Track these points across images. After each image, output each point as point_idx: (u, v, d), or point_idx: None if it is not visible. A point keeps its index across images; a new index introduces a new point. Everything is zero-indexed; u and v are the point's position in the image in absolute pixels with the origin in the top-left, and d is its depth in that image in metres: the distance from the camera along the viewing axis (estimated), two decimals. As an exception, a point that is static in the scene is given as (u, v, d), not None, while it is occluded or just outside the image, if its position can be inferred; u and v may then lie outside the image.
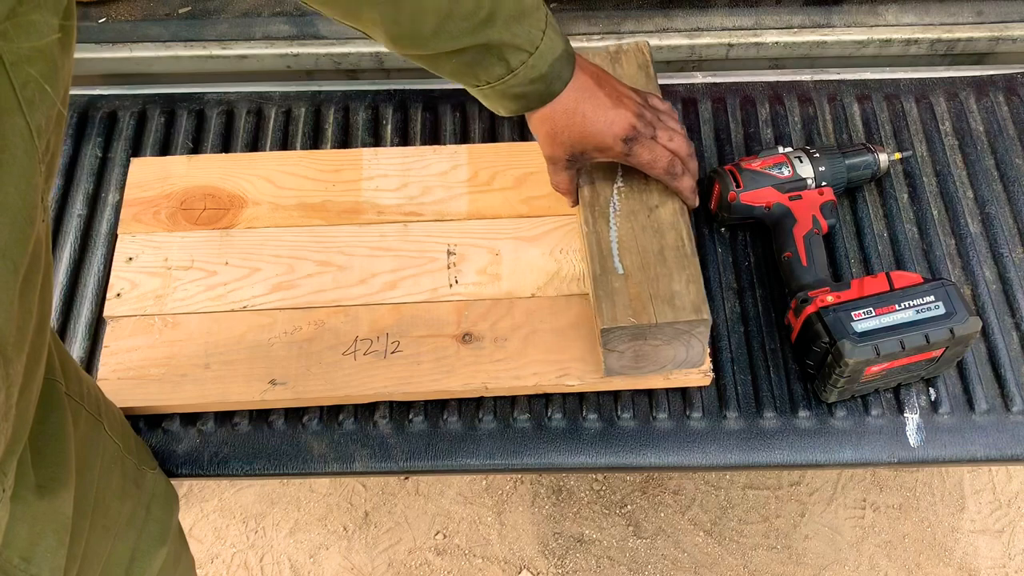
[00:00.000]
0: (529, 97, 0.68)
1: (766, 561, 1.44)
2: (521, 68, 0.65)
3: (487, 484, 1.50)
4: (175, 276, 0.83)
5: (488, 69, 0.65)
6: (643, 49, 0.87)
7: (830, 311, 0.76)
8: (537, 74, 0.66)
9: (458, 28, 0.61)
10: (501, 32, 0.62)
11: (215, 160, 0.91)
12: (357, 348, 0.80)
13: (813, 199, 0.85)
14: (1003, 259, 0.88)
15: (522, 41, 0.64)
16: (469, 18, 0.61)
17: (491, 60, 0.64)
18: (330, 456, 0.78)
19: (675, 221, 0.76)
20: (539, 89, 0.67)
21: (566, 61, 0.68)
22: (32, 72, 0.38)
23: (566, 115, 0.70)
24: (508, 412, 0.80)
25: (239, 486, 1.50)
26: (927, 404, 0.81)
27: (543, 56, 0.65)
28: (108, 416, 0.66)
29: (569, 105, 0.69)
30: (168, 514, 0.74)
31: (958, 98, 0.98)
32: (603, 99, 0.70)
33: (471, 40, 0.62)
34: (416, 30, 0.61)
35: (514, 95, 0.67)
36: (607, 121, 0.70)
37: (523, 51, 0.64)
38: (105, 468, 0.63)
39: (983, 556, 1.45)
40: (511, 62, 0.64)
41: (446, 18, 0.60)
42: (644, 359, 0.75)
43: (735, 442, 0.79)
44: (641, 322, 0.70)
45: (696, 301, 0.71)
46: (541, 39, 0.65)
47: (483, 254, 0.85)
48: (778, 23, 1.01)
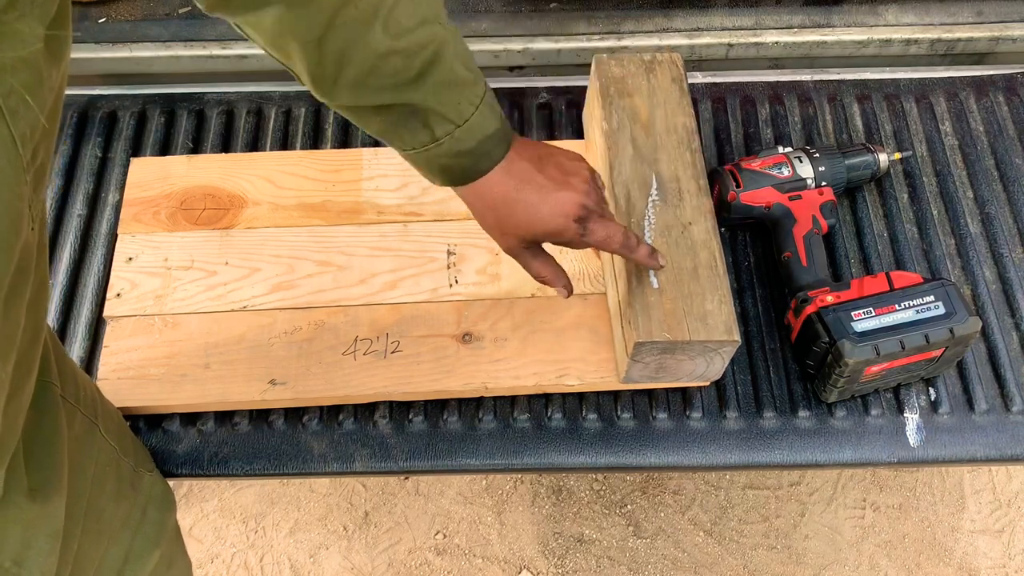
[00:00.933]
0: (454, 171, 0.64)
1: (766, 561, 1.44)
2: (446, 139, 0.61)
3: (487, 484, 1.50)
4: (175, 276, 0.83)
5: (413, 134, 0.62)
6: (677, 62, 0.86)
7: (830, 311, 0.76)
8: (463, 148, 0.62)
9: (381, 83, 0.58)
10: (427, 96, 0.59)
11: (215, 160, 0.91)
12: (357, 348, 0.80)
13: (813, 199, 0.85)
14: (1003, 259, 0.88)
15: (449, 111, 0.61)
16: (395, 76, 0.58)
17: (416, 124, 0.61)
18: (330, 456, 0.78)
19: (708, 240, 0.76)
20: (464, 164, 0.64)
21: (498, 141, 0.64)
22: (15, 82, 0.38)
23: (507, 204, 0.65)
24: (508, 412, 0.80)
25: (239, 486, 1.50)
26: (927, 404, 0.81)
27: (471, 131, 0.62)
28: (104, 418, 0.66)
29: (509, 194, 0.65)
30: (164, 516, 0.74)
31: (958, 98, 0.98)
32: (545, 182, 0.65)
33: (393, 98, 0.59)
34: (337, 75, 0.58)
35: (440, 166, 0.64)
36: (555, 204, 0.65)
37: (449, 122, 0.61)
38: (99, 471, 0.62)
39: (983, 556, 1.45)
40: (436, 131, 0.61)
41: (370, 71, 0.58)
42: (665, 371, 0.76)
43: (735, 442, 0.79)
44: (675, 338, 0.71)
45: (728, 322, 0.72)
46: (472, 113, 0.61)
47: (483, 254, 0.85)
48: (778, 23, 1.01)
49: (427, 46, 0.58)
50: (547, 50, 1.00)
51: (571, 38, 1.00)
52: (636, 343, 0.71)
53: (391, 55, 0.57)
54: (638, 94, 0.83)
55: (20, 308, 0.45)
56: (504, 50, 1.00)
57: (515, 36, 1.01)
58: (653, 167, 0.79)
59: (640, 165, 0.79)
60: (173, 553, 0.77)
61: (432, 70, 0.59)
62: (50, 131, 0.44)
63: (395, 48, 0.57)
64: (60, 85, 0.44)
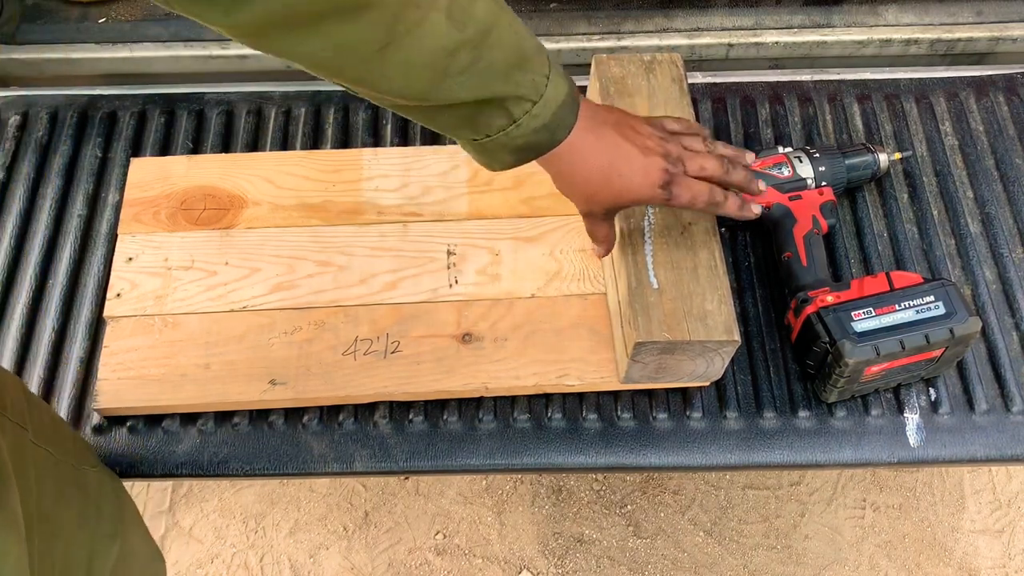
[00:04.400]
0: (533, 148, 0.63)
1: (766, 561, 1.44)
2: (524, 117, 0.59)
3: (487, 484, 1.50)
4: (175, 276, 0.83)
5: (489, 121, 0.60)
6: (677, 62, 0.86)
7: (830, 311, 0.76)
8: (541, 123, 0.61)
9: (455, 83, 0.56)
10: (503, 84, 0.57)
11: (215, 160, 0.91)
12: (357, 348, 0.80)
13: (813, 199, 0.85)
14: (1003, 259, 0.88)
15: (526, 91, 0.59)
16: (466, 71, 0.55)
17: (490, 111, 0.59)
18: (330, 456, 0.78)
19: (708, 239, 0.76)
20: (544, 139, 0.62)
21: (570, 106, 0.62)
22: None
23: (599, 174, 0.65)
24: (508, 412, 0.80)
25: (239, 486, 1.50)
26: (927, 404, 0.81)
27: (547, 104, 0.60)
28: (34, 422, 0.62)
29: (598, 163, 0.64)
30: (118, 509, 0.72)
31: (958, 98, 0.98)
32: (629, 148, 0.65)
33: (472, 95, 0.57)
34: (407, 87, 0.56)
35: (515, 147, 0.62)
36: (641, 171, 0.65)
37: (527, 100, 0.59)
38: (39, 476, 0.60)
39: (983, 556, 1.45)
40: (513, 113, 0.59)
41: (442, 74, 0.55)
42: (665, 371, 0.76)
43: (735, 442, 0.79)
44: (675, 338, 0.71)
45: (728, 322, 0.72)
46: (546, 85, 0.59)
47: (483, 254, 0.85)
48: (778, 23, 1.01)
49: (491, 30, 0.56)
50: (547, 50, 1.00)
51: (571, 38, 1.00)
52: (636, 343, 0.71)
53: (460, 49, 0.55)
54: (638, 94, 0.83)
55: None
56: (504, 50, 1.00)
57: (515, 36, 1.00)
58: None
59: None
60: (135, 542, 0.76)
61: (500, 54, 0.56)
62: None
63: (463, 40, 0.54)
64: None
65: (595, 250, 0.75)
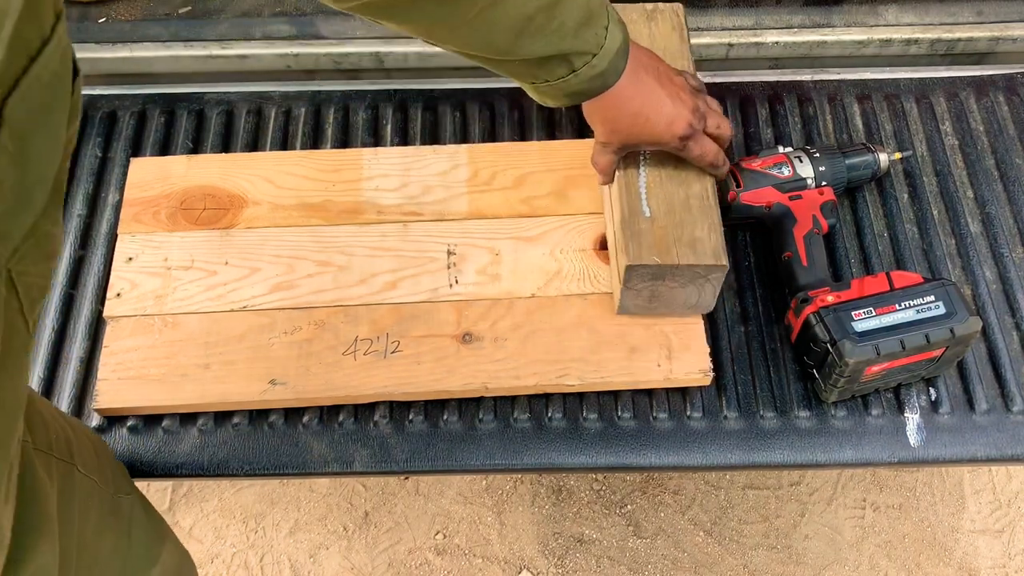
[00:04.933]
0: (586, 93, 0.68)
1: (766, 561, 1.44)
2: (583, 68, 0.65)
3: (487, 484, 1.50)
4: (175, 276, 0.83)
5: (551, 70, 0.65)
6: (678, 12, 0.89)
7: (830, 311, 0.76)
8: (597, 72, 0.66)
9: (530, 42, 0.61)
10: (572, 41, 0.63)
11: (215, 160, 0.91)
12: (357, 348, 0.80)
13: (813, 199, 0.85)
14: (1003, 259, 0.88)
15: (589, 45, 0.64)
16: (540, 31, 0.61)
17: (554, 63, 0.64)
18: (330, 456, 0.78)
19: (701, 174, 0.79)
20: (596, 85, 0.68)
21: (623, 54, 0.68)
22: (35, 278, 0.39)
23: (630, 115, 0.70)
24: (508, 412, 0.80)
25: (239, 486, 1.50)
26: (927, 404, 0.81)
27: (605, 54, 0.65)
28: (80, 454, 0.63)
29: (633, 107, 0.70)
30: (153, 534, 0.73)
31: (958, 98, 0.98)
32: (663, 97, 0.70)
33: (542, 51, 0.62)
34: (487, 44, 0.62)
35: (571, 92, 0.68)
36: (668, 120, 0.71)
37: (588, 54, 0.64)
38: (82, 508, 0.61)
39: (983, 556, 1.45)
40: (575, 63, 0.65)
41: (520, 33, 0.60)
42: (658, 300, 0.79)
43: (735, 442, 0.79)
44: (664, 262, 0.74)
45: (716, 248, 0.75)
46: (605, 37, 0.65)
47: (483, 254, 0.85)
48: (778, 23, 1.01)
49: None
50: (547, 50, 1.00)
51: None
52: (627, 266, 0.74)
53: (537, 14, 0.59)
54: (639, 41, 0.85)
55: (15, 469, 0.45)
56: (504, 50, 1.00)
57: (515, 36, 1.01)
58: None
59: None
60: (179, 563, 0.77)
61: (570, 14, 0.61)
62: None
63: (540, 5, 0.59)
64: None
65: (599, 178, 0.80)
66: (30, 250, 0.37)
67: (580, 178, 0.88)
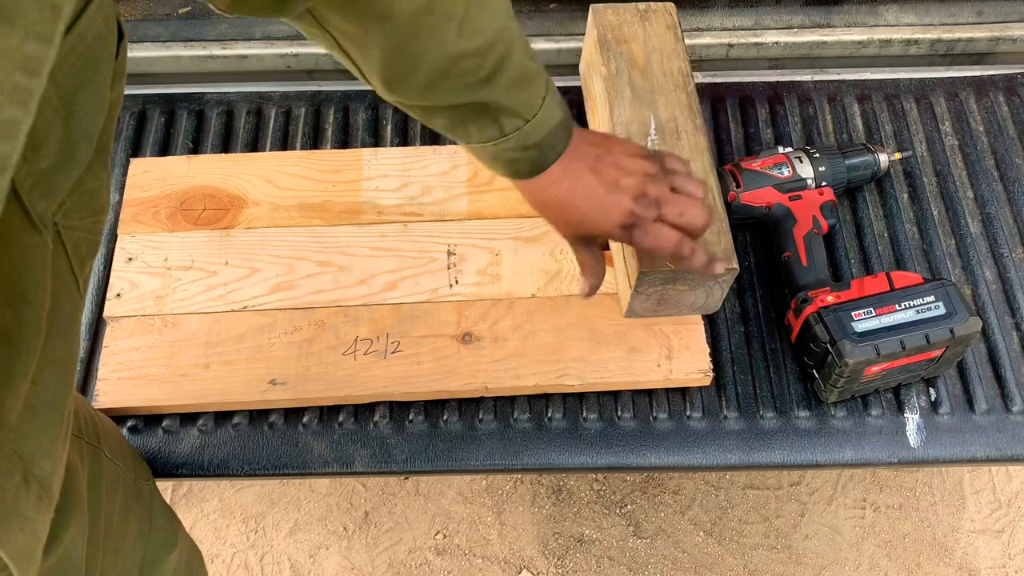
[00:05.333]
0: (520, 164, 0.64)
1: (766, 561, 1.44)
2: (515, 134, 0.61)
3: (487, 484, 1.50)
4: (175, 276, 0.83)
5: (481, 129, 0.61)
6: (671, 11, 0.89)
7: (830, 311, 0.76)
8: (530, 142, 0.62)
9: (453, 84, 0.58)
10: (499, 95, 0.59)
11: (215, 160, 0.91)
12: (357, 348, 0.80)
13: (813, 199, 0.85)
14: (1003, 259, 0.88)
15: (519, 107, 0.60)
16: (467, 76, 0.57)
17: (485, 120, 0.61)
18: (330, 456, 0.78)
19: (706, 176, 0.79)
20: (531, 157, 0.64)
21: (562, 132, 0.64)
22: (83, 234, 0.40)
23: (559, 206, 0.66)
24: (508, 412, 0.80)
25: (239, 486, 1.50)
26: (927, 404, 0.81)
27: (539, 125, 0.61)
28: (106, 440, 0.65)
29: (561, 196, 0.65)
30: (171, 520, 0.75)
31: (958, 98, 0.98)
32: (596, 186, 0.65)
33: (465, 98, 0.59)
34: (409, 78, 0.58)
35: (506, 159, 0.64)
36: (602, 210, 0.65)
37: (519, 117, 0.60)
38: (109, 493, 0.62)
39: (983, 556, 1.45)
40: (505, 127, 0.61)
41: (444, 73, 0.57)
42: (666, 303, 0.79)
43: (735, 442, 0.79)
44: (677, 267, 0.73)
45: (727, 251, 0.75)
46: (540, 106, 0.61)
47: (483, 254, 0.85)
48: (778, 23, 1.01)
49: (497, 44, 0.57)
50: (547, 50, 1.00)
51: (571, 38, 1.00)
52: (640, 272, 0.73)
53: (465, 57, 0.56)
54: (634, 40, 0.87)
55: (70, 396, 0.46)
56: (504, 50, 1.00)
57: (515, 36, 1.01)
58: (651, 109, 0.82)
59: (639, 107, 0.82)
60: (190, 551, 0.78)
61: (503, 68, 0.58)
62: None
63: (469, 50, 0.56)
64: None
65: (582, 284, 0.73)
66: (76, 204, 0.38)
67: (580, 178, 0.88)
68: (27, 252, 0.35)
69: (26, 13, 0.27)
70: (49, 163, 0.34)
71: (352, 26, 0.55)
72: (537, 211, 0.70)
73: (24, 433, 0.39)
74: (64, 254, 0.39)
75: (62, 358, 0.42)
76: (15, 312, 0.35)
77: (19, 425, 0.38)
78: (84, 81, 0.34)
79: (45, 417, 0.41)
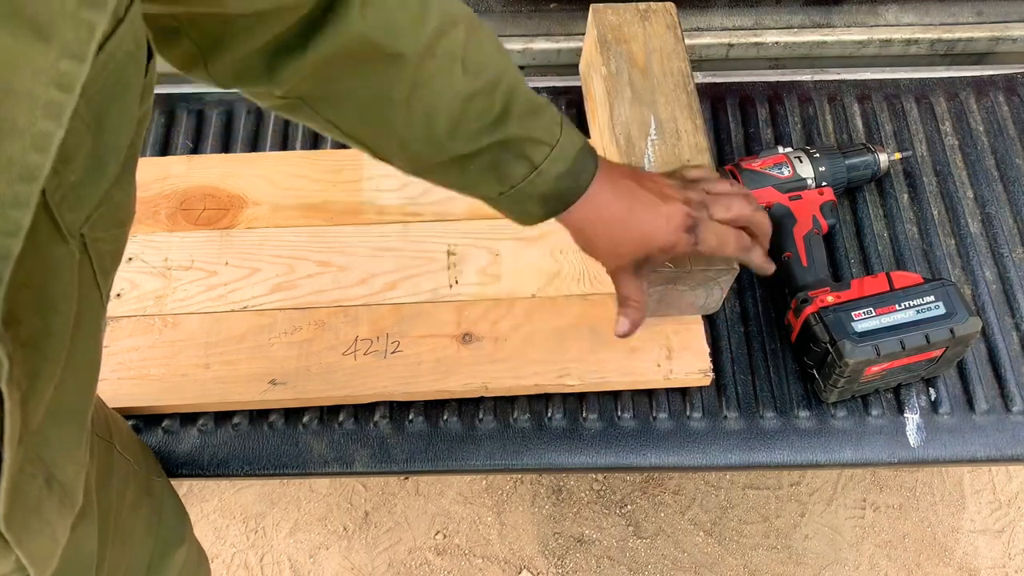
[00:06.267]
0: (556, 197, 0.63)
1: (766, 561, 1.44)
2: (545, 163, 0.60)
3: (487, 484, 1.50)
4: (175, 276, 0.83)
5: (511, 170, 0.60)
6: (671, 11, 0.89)
7: (830, 311, 0.76)
8: (564, 168, 0.61)
9: (473, 128, 0.58)
10: (517, 128, 0.59)
11: (215, 160, 0.91)
12: (357, 348, 0.80)
13: (813, 199, 0.85)
14: (1003, 259, 0.88)
15: (541, 134, 0.60)
16: (482, 117, 0.57)
17: (512, 159, 0.60)
18: (330, 456, 0.78)
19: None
20: (568, 185, 0.62)
21: (588, 154, 0.63)
22: (108, 244, 0.41)
23: (622, 224, 0.64)
24: (508, 412, 0.80)
25: (239, 486, 1.50)
26: (927, 404, 0.81)
27: (565, 149, 0.61)
28: (118, 434, 0.66)
29: (623, 213, 0.64)
30: (180, 516, 0.75)
31: (958, 98, 0.98)
32: (652, 197, 0.64)
33: (488, 139, 0.58)
34: (430, 133, 0.58)
35: (541, 195, 0.62)
36: (665, 218, 0.64)
37: (544, 144, 0.60)
38: (120, 487, 0.63)
39: (983, 556, 1.45)
40: (534, 158, 0.60)
41: (460, 118, 0.57)
42: (666, 303, 0.79)
43: (735, 442, 0.79)
44: (678, 267, 0.73)
45: None
46: (560, 132, 0.61)
47: (483, 254, 0.85)
48: (778, 23, 1.01)
49: (502, 79, 0.58)
50: (547, 50, 1.00)
51: (571, 38, 1.00)
52: None
53: (475, 96, 0.57)
54: (634, 40, 0.87)
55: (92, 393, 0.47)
56: (504, 50, 1.00)
57: (515, 36, 1.01)
58: (651, 109, 0.82)
59: (639, 107, 0.82)
60: (197, 548, 0.78)
61: (514, 101, 0.59)
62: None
63: (477, 88, 0.56)
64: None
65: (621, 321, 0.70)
66: (102, 217, 0.39)
67: (580, 178, 0.88)
68: (55, 263, 0.36)
69: (62, 32, 0.28)
70: (78, 176, 0.35)
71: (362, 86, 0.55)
72: (590, 242, 0.67)
73: (47, 438, 0.40)
74: (89, 265, 0.40)
75: (85, 366, 0.42)
76: (43, 320, 0.36)
77: (42, 430, 0.39)
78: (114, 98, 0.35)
79: (67, 423, 0.42)
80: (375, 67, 0.54)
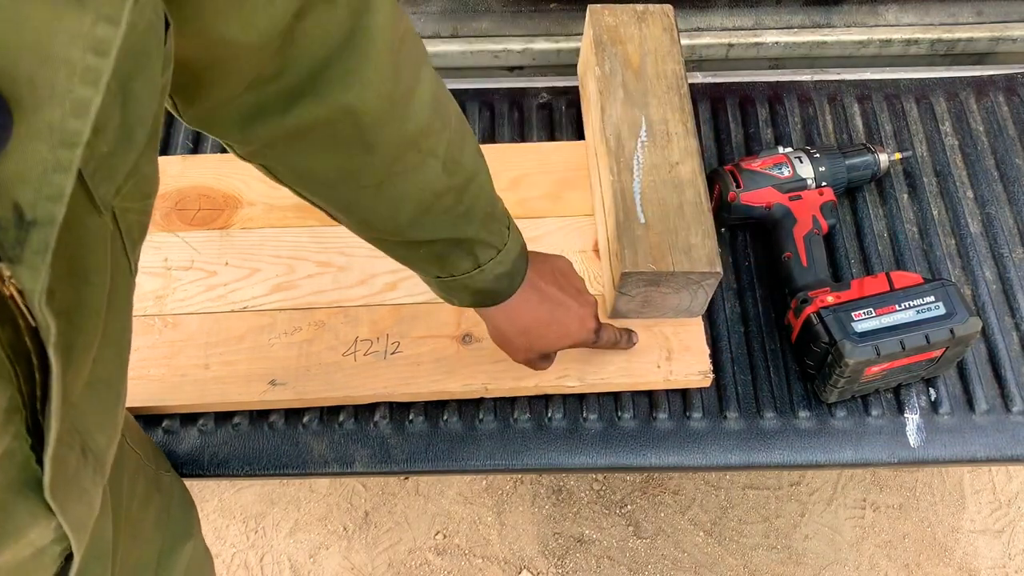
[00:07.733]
0: (491, 294, 0.66)
1: (766, 561, 1.44)
2: (489, 264, 0.63)
3: (487, 484, 1.50)
4: (175, 276, 0.83)
5: (457, 262, 0.63)
6: (668, 13, 0.89)
7: (830, 311, 0.76)
8: (503, 270, 0.64)
9: (435, 221, 0.59)
10: (475, 230, 0.61)
11: (210, 160, 0.91)
12: (357, 349, 0.80)
13: (813, 199, 0.85)
14: (1003, 259, 0.88)
15: (493, 239, 0.62)
16: (447, 213, 0.59)
17: (461, 254, 0.62)
18: (330, 456, 0.78)
19: (694, 179, 0.79)
20: (503, 286, 0.65)
21: (524, 259, 0.66)
22: (136, 215, 0.41)
23: (541, 326, 0.69)
24: (508, 412, 0.80)
25: (239, 486, 1.50)
26: (927, 404, 0.81)
27: (509, 253, 0.64)
28: (128, 429, 0.66)
29: (543, 317, 0.68)
30: (188, 512, 0.75)
31: (958, 98, 0.98)
32: (568, 301, 0.69)
33: (446, 234, 0.60)
34: (393, 217, 0.59)
35: (476, 289, 0.65)
36: (579, 321, 0.70)
37: (493, 247, 0.62)
38: (131, 480, 0.63)
39: (983, 556, 1.45)
40: (480, 257, 0.62)
41: (426, 210, 0.58)
42: (650, 305, 0.79)
43: (735, 442, 0.79)
44: (660, 269, 0.74)
45: (711, 254, 0.75)
46: (508, 236, 0.63)
47: (483, 254, 0.85)
48: (778, 23, 1.01)
49: (473, 179, 0.59)
50: (547, 50, 1.00)
51: (571, 38, 1.00)
52: (623, 273, 0.74)
53: (446, 193, 0.57)
54: (630, 42, 0.87)
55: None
56: (504, 50, 1.00)
57: (515, 36, 1.01)
58: (643, 110, 0.83)
59: (630, 108, 0.83)
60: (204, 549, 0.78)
61: (478, 203, 0.60)
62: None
63: (450, 186, 0.57)
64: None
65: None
66: (131, 189, 0.39)
67: (576, 180, 0.89)
68: (90, 234, 0.37)
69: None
70: (109, 147, 0.35)
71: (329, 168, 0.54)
72: (504, 339, 0.70)
73: (83, 410, 0.41)
74: (120, 236, 0.40)
75: (118, 338, 0.43)
76: (78, 292, 0.37)
77: (79, 401, 0.40)
78: (139, 67, 0.35)
79: (102, 394, 0.43)
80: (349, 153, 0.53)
